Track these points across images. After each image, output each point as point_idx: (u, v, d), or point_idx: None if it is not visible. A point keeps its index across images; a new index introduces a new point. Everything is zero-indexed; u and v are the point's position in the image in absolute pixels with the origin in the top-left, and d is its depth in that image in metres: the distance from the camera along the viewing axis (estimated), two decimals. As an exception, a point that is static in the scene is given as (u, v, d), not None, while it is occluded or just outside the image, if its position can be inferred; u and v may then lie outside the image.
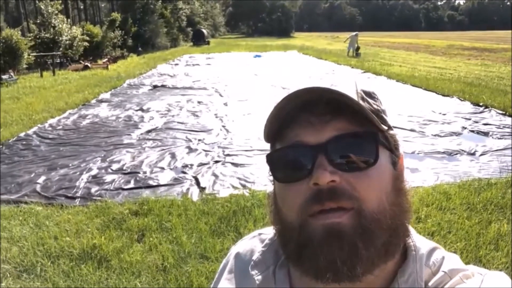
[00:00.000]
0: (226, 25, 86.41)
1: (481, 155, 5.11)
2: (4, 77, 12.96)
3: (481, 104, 8.02)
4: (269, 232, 0.66)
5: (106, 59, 20.11)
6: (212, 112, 7.97)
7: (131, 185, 4.35)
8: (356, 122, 0.50)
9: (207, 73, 14.72)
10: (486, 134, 6.05)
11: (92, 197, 4.04)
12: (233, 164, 4.94)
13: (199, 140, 5.98)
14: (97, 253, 2.96)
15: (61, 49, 18.09)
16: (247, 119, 7.33)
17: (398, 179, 0.53)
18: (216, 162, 5.02)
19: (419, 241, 0.54)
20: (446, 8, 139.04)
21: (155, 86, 11.65)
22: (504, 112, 7.31)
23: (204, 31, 44.16)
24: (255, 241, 0.67)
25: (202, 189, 4.20)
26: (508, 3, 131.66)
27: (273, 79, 12.66)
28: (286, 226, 0.52)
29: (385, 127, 0.52)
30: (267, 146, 0.57)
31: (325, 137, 0.49)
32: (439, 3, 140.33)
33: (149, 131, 6.53)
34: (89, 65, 17.14)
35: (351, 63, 16.99)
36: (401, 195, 0.52)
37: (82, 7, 35.35)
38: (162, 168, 4.83)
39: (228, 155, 5.27)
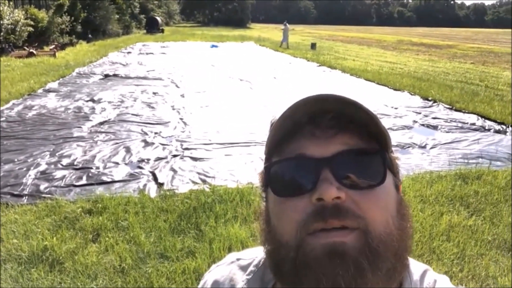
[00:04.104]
0: (181, 13, 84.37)
1: (431, 148, 5.36)
2: None
3: (430, 98, 8.42)
4: (247, 256, 0.62)
5: (53, 46, 18.96)
6: (169, 103, 7.75)
7: (83, 181, 4.13)
8: (363, 138, 0.48)
9: (162, 63, 14.33)
10: (435, 127, 6.36)
11: (41, 194, 3.78)
12: (192, 158, 4.83)
13: (156, 133, 5.79)
14: (49, 256, 2.78)
15: (2, 33, 16.83)
16: (205, 111, 7.22)
17: (401, 204, 0.51)
18: (174, 156, 4.89)
19: (411, 265, 0.53)
20: (396, 4, 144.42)
21: (106, 76, 11.16)
22: (450, 107, 7.71)
23: (158, 18, 42.94)
24: (233, 267, 0.62)
25: (160, 185, 4.07)
26: (452, 2, 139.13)
27: (230, 70, 12.58)
28: (280, 245, 0.47)
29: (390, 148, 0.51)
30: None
31: (330, 151, 0.47)
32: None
33: (101, 123, 6.24)
34: (34, 52, 16.07)
35: (307, 56, 17.22)
36: (405, 220, 0.50)
37: (25, -11, 33.02)
38: (117, 163, 4.63)
39: (186, 148, 5.15)
